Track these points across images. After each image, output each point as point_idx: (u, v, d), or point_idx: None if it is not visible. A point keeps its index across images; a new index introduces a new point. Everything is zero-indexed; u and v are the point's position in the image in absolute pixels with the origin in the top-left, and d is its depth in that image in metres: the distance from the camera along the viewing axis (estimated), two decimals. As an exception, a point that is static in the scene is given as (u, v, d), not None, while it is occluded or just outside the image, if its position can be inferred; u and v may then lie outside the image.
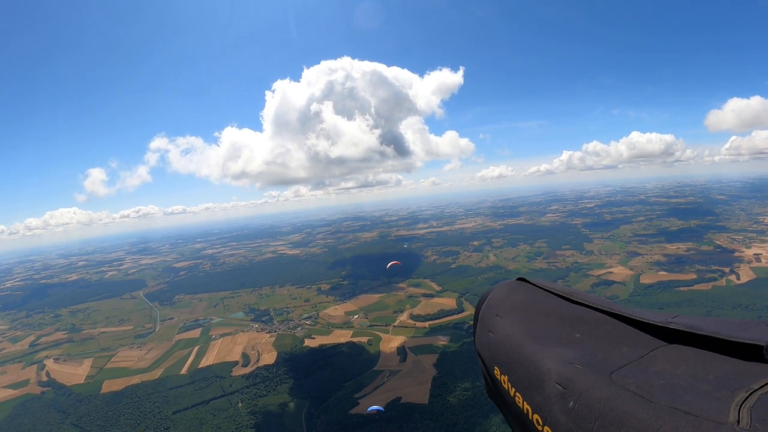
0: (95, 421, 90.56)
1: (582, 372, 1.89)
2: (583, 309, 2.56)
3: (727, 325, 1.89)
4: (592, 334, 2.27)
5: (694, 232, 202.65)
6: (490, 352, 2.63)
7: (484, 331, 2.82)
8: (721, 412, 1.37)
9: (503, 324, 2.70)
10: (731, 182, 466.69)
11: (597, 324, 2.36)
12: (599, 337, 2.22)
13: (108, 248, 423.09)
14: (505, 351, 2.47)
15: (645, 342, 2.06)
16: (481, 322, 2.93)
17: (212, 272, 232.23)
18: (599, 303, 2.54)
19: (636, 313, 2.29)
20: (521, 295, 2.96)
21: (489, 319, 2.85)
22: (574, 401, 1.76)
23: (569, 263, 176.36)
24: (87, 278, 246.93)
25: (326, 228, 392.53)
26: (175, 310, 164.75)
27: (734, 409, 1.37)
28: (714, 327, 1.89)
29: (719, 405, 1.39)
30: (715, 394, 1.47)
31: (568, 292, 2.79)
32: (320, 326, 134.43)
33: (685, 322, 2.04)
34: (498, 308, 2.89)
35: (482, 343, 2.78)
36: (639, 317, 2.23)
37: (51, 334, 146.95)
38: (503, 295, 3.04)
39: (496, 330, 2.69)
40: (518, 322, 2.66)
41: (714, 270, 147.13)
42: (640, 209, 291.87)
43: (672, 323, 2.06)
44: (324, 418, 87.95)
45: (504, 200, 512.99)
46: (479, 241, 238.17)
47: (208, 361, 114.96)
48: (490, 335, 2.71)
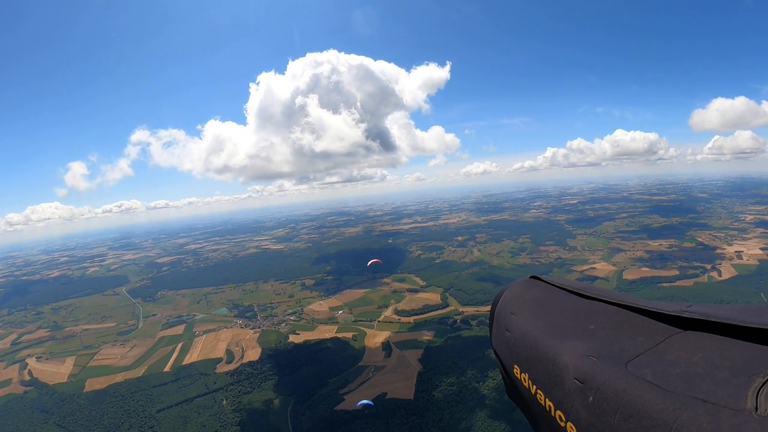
0: (79, 420, 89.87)
1: (598, 364, 1.89)
2: (596, 303, 2.55)
3: (742, 311, 1.86)
4: (606, 325, 2.26)
5: (676, 230, 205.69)
6: (508, 351, 2.64)
7: (501, 330, 2.85)
8: (738, 399, 1.36)
9: (519, 322, 2.72)
10: (713, 181, 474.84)
11: (611, 315, 2.35)
12: (613, 328, 2.21)
13: (90, 244, 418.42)
14: (523, 349, 2.48)
15: (660, 330, 2.04)
16: (496, 321, 2.99)
17: (195, 268, 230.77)
18: (613, 296, 2.52)
19: (651, 304, 2.27)
20: (535, 292, 3.02)
21: (504, 317, 2.89)
22: (594, 395, 1.76)
23: (553, 259, 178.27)
24: (69, 274, 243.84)
25: (310, 223, 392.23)
26: (158, 307, 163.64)
27: (752, 395, 1.36)
28: (729, 313, 1.86)
29: (736, 391, 1.38)
30: (732, 381, 1.46)
31: (582, 287, 2.80)
32: (305, 322, 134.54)
33: (699, 310, 2.01)
34: (513, 306, 2.92)
35: (499, 342, 2.82)
36: (653, 308, 2.20)
37: (33, 332, 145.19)
38: (517, 293, 3.11)
39: (513, 328, 2.70)
40: (534, 319, 2.67)
41: (696, 266, 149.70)
42: (623, 206, 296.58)
43: (686, 312, 2.03)
44: (309, 415, 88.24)
45: (488, 196, 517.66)
46: (463, 236, 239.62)
47: (191, 358, 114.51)
48: (507, 334, 2.73)
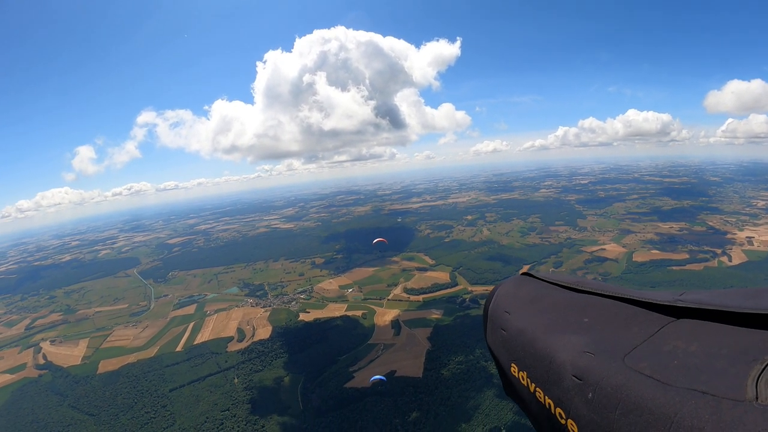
0: (93, 402, 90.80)
1: (595, 360, 1.90)
2: (589, 296, 2.56)
3: (735, 295, 1.88)
4: (600, 318, 2.27)
5: (687, 213, 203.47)
6: (504, 350, 2.65)
7: (496, 329, 2.83)
8: (738, 389, 1.36)
9: (514, 320, 2.71)
10: (725, 165, 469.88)
11: (604, 308, 2.35)
12: (608, 320, 2.22)
13: (101, 227, 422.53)
14: (520, 347, 2.48)
15: (654, 320, 2.05)
16: (491, 320, 2.95)
17: (206, 248, 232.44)
18: (606, 289, 2.52)
19: (643, 294, 2.28)
20: (527, 289, 2.99)
21: (499, 316, 2.87)
22: (593, 392, 1.76)
23: (562, 239, 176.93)
24: (81, 258, 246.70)
25: (320, 202, 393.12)
26: (170, 287, 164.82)
27: (751, 384, 1.36)
28: (722, 299, 1.88)
29: (736, 381, 1.39)
30: (731, 370, 1.46)
31: (573, 281, 2.79)
32: (315, 300, 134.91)
33: (693, 298, 2.02)
34: (506, 305, 2.91)
35: (495, 341, 2.81)
36: (646, 298, 2.21)
37: (46, 316, 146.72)
38: (510, 291, 3.07)
39: (508, 327, 2.70)
40: (528, 316, 2.66)
41: (706, 251, 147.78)
42: (634, 187, 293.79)
43: (680, 300, 2.04)
44: (319, 393, 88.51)
45: (498, 175, 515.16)
46: (473, 215, 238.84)
47: (203, 337, 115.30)
48: (503, 333, 2.72)
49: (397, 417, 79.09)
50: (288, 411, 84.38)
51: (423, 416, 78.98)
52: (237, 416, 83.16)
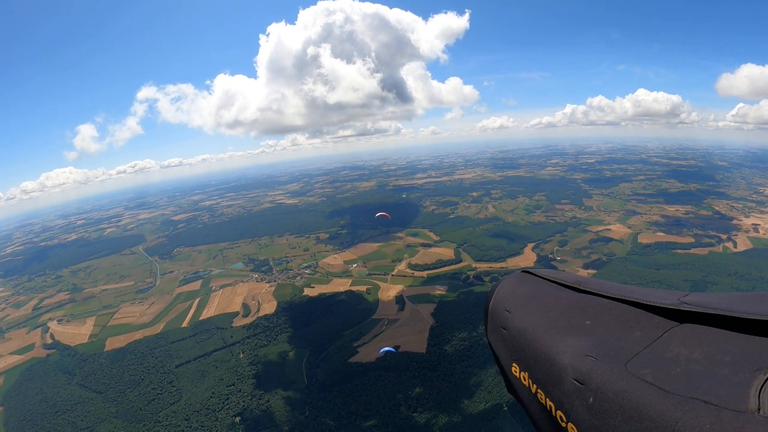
0: (100, 379, 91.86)
1: (597, 364, 1.88)
2: (590, 296, 2.53)
3: (740, 300, 1.84)
4: (602, 321, 2.24)
5: (694, 196, 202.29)
6: (506, 349, 2.66)
7: (496, 327, 2.85)
8: (740, 399, 1.34)
9: (515, 319, 2.70)
10: (734, 150, 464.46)
11: (606, 310, 2.32)
12: (609, 323, 2.19)
13: (106, 205, 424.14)
14: (521, 347, 2.48)
15: (657, 324, 2.02)
16: (491, 318, 2.97)
17: (211, 224, 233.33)
18: (607, 289, 2.50)
19: (644, 295, 2.25)
20: (528, 287, 2.99)
21: (499, 314, 2.88)
22: (594, 397, 1.75)
23: (568, 218, 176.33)
24: (86, 237, 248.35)
25: (324, 177, 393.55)
26: (175, 263, 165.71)
27: (754, 394, 1.34)
28: (726, 304, 1.84)
29: (739, 391, 1.37)
30: (734, 379, 1.44)
31: (574, 280, 2.80)
32: (319, 275, 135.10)
33: (696, 301, 1.99)
34: (507, 303, 2.91)
35: (496, 339, 2.83)
36: (648, 300, 2.18)
37: (53, 295, 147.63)
38: (510, 289, 3.07)
39: (509, 326, 2.70)
40: (529, 316, 2.65)
41: (711, 236, 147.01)
42: (641, 168, 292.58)
43: (684, 303, 2.01)
44: (324, 367, 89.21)
45: (504, 152, 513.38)
46: (478, 192, 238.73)
47: (208, 312, 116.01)
48: (504, 332, 2.74)
49: (401, 392, 79.63)
50: (293, 385, 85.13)
51: (426, 391, 79.49)
52: (242, 391, 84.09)
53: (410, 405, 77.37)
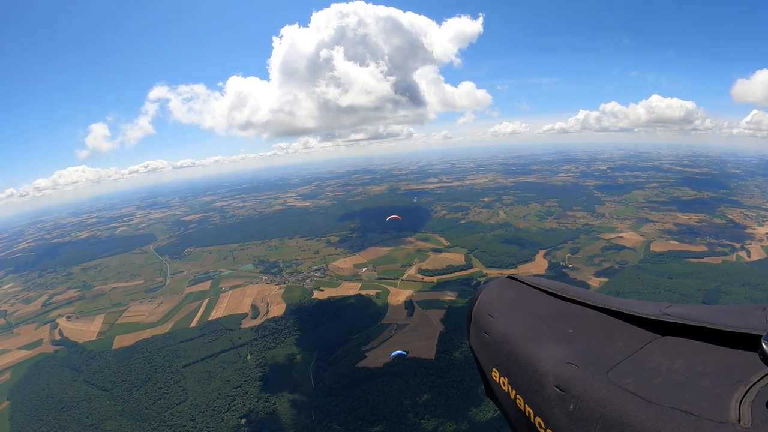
0: (107, 377, 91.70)
1: (579, 372, 1.88)
2: (573, 305, 2.55)
3: (722, 313, 1.87)
4: (585, 330, 2.25)
5: (707, 204, 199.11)
6: (487, 354, 2.65)
7: (479, 332, 2.85)
8: (721, 410, 1.35)
9: (498, 324, 2.71)
10: (748, 157, 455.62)
11: (589, 319, 2.35)
12: (592, 332, 2.20)
13: (118, 204, 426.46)
14: (502, 352, 2.47)
15: (639, 335, 2.03)
16: (474, 323, 2.97)
17: (222, 225, 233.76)
18: (591, 298, 2.52)
19: (628, 306, 2.27)
20: (512, 293, 3.00)
21: (482, 319, 2.89)
22: (574, 404, 1.75)
23: (580, 225, 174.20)
24: (98, 235, 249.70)
25: (336, 180, 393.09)
26: (185, 263, 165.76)
27: (734, 405, 1.35)
28: (709, 316, 1.86)
29: (719, 402, 1.37)
30: (714, 390, 1.45)
31: (559, 288, 2.81)
32: (329, 278, 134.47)
33: (678, 312, 2.01)
34: (490, 308, 2.91)
35: (478, 344, 2.83)
36: (631, 311, 2.19)
37: (63, 292, 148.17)
38: (494, 294, 3.07)
39: (491, 331, 2.70)
40: (512, 321, 2.65)
41: (725, 244, 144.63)
42: (654, 175, 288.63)
43: (666, 315, 2.02)
44: (331, 371, 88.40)
45: (516, 157, 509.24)
46: (490, 197, 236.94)
47: (217, 313, 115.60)
48: (486, 336, 2.73)
49: (408, 398, 78.61)
50: (299, 388, 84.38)
51: (434, 398, 78.42)
52: (249, 393, 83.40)
53: (418, 411, 76.35)
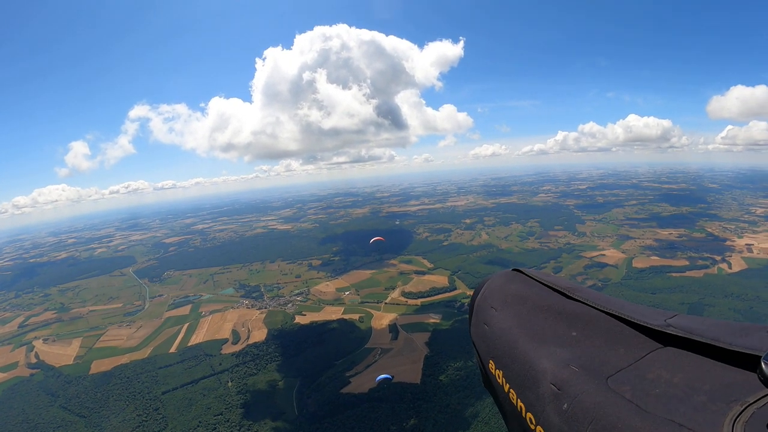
0: (84, 403, 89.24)
1: (578, 374, 1.88)
2: (580, 305, 2.50)
3: (726, 329, 1.86)
4: (588, 333, 2.23)
5: (686, 219, 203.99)
6: (485, 345, 2.63)
7: (480, 323, 2.82)
8: (715, 427, 1.35)
9: (499, 317, 2.69)
10: (724, 172, 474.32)
11: (594, 322, 2.31)
12: (596, 337, 2.19)
13: (98, 225, 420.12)
14: (500, 346, 2.46)
15: (642, 344, 2.02)
16: (476, 313, 2.95)
17: (202, 248, 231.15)
18: (596, 300, 2.48)
19: (633, 312, 2.25)
20: (517, 286, 2.96)
21: (484, 310, 2.86)
22: (569, 403, 1.75)
23: (562, 244, 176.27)
24: (76, 256, 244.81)
25: (317, 203, 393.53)
26: (165, 287, 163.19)
27: (728, 424, 1.35)
28: (713, 331, 1.86)
29: (714, 418, 1.37)
30: (711, 407, 1.45)
31: (564, 286, 2.74)
32: (311, 303, 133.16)
33: (683, 324, 2.00)
34: (493, 300, 2.89)
35: (478, 335, 2.80)
36: (636, 318, 2.17)
37: (40, 314, 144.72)
38: (498, 286, 3.06)
39: (492, 323, 2.69)
40: (514, 316, 2.63)
41: (706, 257, 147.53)
42: (633, 193, 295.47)
43: (670, 326, 2.01)
44: (315, 397, 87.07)
45: (496, 179, 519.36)
46: (471, 219, 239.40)
47: (197, 338, 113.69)
48: (486, 328, 2.71)
49: (395, 424, 77.63)
50: (282, 416, 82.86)
51: (421, 423, 77.55)
52: (230, 421, 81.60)
53: (403, 438, 75.57)
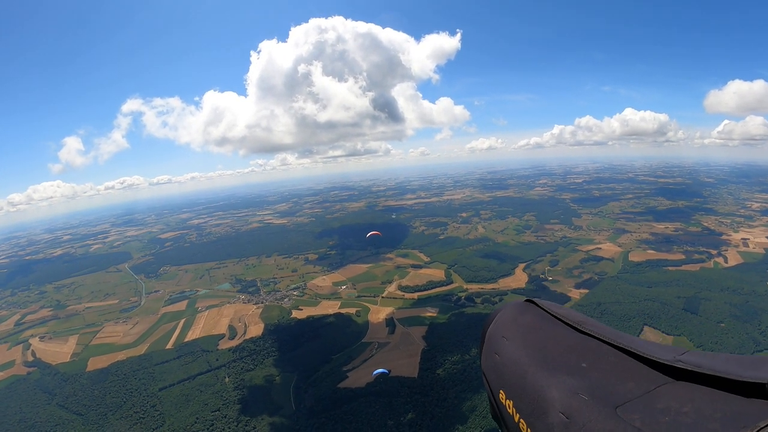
0: (81, 401, 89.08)
1: (587, 403, 1.88)
2: (590, 339, 2.54)
3: (737, 363, 1.86)
4: (598, 366, 2.25)
5: (682, 213, 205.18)
6: (496, 375, 2.67)
7: (491, 352, 2.86)
8: None
9: (510, 347, 2.72)
10: (720, 166, 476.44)
11: (604, 356, 2.33)
12: (606, 370, 2.20)
13: (93, 221, 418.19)
14: (511, 375, 2.49)
15: (652, 378, 2.03)
16: (487, 342, 2.99)
17: (198, 243, 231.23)
18: (607, 334, 2.51)
19: (644, 347, 2.27)
20: (529, 318, 3.00)
21: (496, 340, 2.90)
22: None
23: (558, 237, 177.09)
24: (72, 252, 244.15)
25: (313, 197, 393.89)
26: (161, 283, 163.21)
27: None
28: (723, 365, 1.86)
29: None
30: None
31: (577, 319, 2.80)
32: (308, 297, 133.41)
33: (692, 360, 2.01)
34: (505, 330, 2.93)
35: (488, 365, 2.83)
36: (647, 353, 2.19)
37: (36, 311, 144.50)
38: (511, 316, 3.09)
39: (503, 353, 2.73)
40: (525, 346, 2.66)
41: (702, 251, 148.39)
42: (629, 187, 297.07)
43: (680, 361, 2.02)
44: (312, 392, 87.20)
45: (492, 172, 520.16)
46: (467, 212, 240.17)
47: (194, 334, 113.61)
48: (497, 357, 2.75)
49: (392, 418, 77.86)
50: (279, 411, 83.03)
51: (418, 417, 77.81)
52: (227, 416, 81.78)
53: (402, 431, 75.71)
